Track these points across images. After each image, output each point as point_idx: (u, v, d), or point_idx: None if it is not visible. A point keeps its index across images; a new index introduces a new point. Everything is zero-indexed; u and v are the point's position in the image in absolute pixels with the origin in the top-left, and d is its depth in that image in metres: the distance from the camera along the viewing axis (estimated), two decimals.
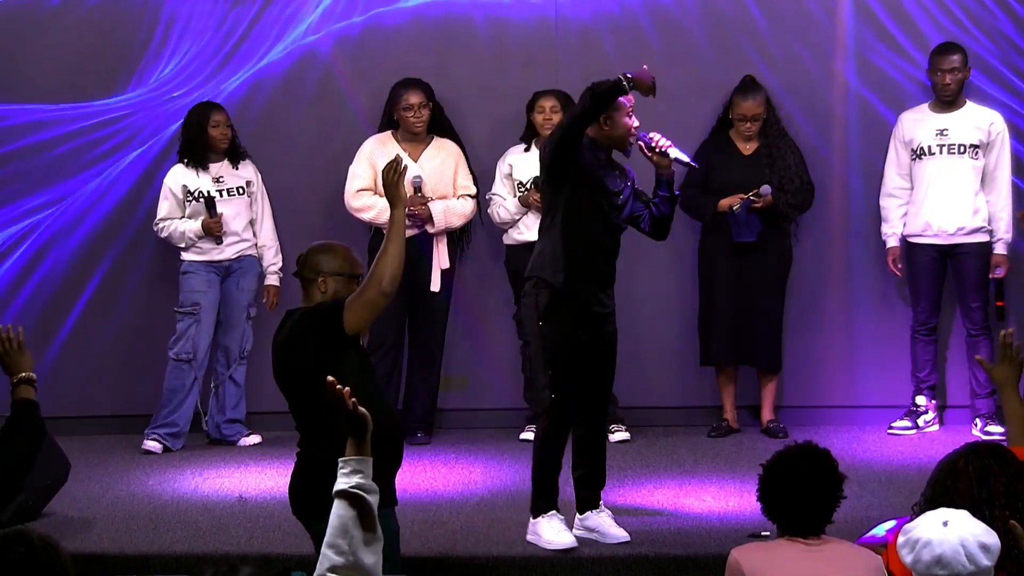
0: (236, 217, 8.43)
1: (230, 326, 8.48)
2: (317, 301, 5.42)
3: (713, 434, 8.40)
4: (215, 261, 8.43)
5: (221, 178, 8.44)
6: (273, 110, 8.79)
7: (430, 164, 8.39)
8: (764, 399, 8.48)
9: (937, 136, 8.27)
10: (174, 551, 6.47)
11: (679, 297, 8.72)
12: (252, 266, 8.51)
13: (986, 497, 4.62)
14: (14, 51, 8.80)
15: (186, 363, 8.38)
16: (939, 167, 8.26)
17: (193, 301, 8.39)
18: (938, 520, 4.28)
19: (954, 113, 8.29)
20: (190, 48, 8.77)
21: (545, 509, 6.38)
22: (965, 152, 8.25)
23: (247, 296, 8.48)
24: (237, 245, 8.45)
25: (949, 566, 4.17)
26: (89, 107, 8.77)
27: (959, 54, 8.26)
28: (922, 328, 8.41)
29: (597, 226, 6.35)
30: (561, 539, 6.32)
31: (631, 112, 6.34)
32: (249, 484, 7.55)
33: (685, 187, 8.34)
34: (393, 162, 5.59)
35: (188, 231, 8.38)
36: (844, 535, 4.87)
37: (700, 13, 8.67)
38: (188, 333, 8.38)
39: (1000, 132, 8.28)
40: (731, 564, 4.70)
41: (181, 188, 8.40)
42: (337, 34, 8.74)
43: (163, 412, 8.37)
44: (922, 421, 8.41)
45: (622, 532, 6.43)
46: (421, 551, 6.31)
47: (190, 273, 8.42)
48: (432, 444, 8.38)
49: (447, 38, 8.75)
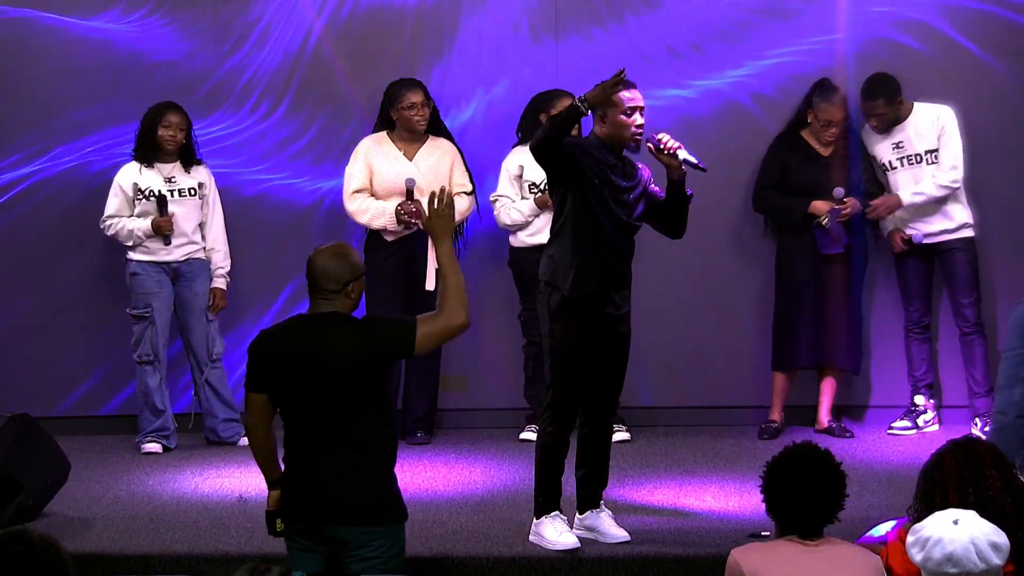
0: (187, 218, 8.40)
1: (191, 331, 8.46)
2: (348, 307, 5.44)
3: (765, 436, 8.34)
4: (163, 262, 8.39)
5: (173, 178, 8.40)
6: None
7: (426, 163, 8.39)
8: (823, 401, 8.44)
9: (894, 150, 8.31)
10: (174, 551, 6.47)
11: (679, 297, 8.73)
12: (203, 269, 8.48)
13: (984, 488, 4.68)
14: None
15: (149, 364, 8.38)
16: (905, 179, 8.30)
17: (145, 303, 8.36)
18: (948, 519, 4.30)
19: (902, 125, 8.30)
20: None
21: (548, 510, 6.39)
22: (923, 160, 8.27)
23: (202, 299, 8.45)
24: (186, 247, 8.42)
25: (960, 564, 4.20)
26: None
27: (882, 98, 8.21)
28: (915, 327, 8.43)
29: (607, 226, 6.32)
30: (564, 540, 6.32)
31: (631, 110, 6.32)
32: (249, 484, 7.54)
33: (763, 188, 8.37)
34: (441, 192, 5.60)
35: (137, 229, 8.34)
36: (844, 535, 4.87)
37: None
38: (145, 335, 8.36)
39: (946, 123, 8.28)
40: (731, 564, 4.70)
41: (132, 186, 8.36)
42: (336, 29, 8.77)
43: (145, 414, 8.39)
44: (922, 421, 8.42)
45: (622, 532, 6.43)
46: (421, 551, 6.31)
47: (139, 275, 8.37)
48: (432, 444, 8.38)
49: (440, 36, 8.76)
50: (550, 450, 6.38)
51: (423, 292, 8.34)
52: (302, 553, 5.40)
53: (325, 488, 5.35)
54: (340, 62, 8.76)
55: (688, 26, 8.67)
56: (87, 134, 8.79)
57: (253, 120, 8.82)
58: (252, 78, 8.79)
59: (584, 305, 6.33)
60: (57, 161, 8.82)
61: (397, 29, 8.75)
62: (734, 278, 8.71)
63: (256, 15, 8.79)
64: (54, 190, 8.82)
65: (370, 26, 8.77)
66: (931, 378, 8.47)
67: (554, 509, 6.39)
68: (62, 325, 8.82)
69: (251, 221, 8.80)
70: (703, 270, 8.72)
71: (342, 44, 8.76)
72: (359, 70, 8.76)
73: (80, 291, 8.83)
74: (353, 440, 5.35)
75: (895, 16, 8.56)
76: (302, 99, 8.79)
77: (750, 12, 8.64)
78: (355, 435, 5.36)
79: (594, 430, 6.52)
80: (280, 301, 8.74)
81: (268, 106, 8.81)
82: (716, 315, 8.73)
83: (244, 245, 8.73)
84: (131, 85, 8.73)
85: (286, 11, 8.78)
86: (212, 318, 8.47)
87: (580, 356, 6.34)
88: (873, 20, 8.57)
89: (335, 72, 8.78)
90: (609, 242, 6.34)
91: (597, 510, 6.49)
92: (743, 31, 8.65)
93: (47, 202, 8.82)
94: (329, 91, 8.79)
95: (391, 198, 8.31)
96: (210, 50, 8.78)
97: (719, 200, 8.50)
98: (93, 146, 8.79)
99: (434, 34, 8.74)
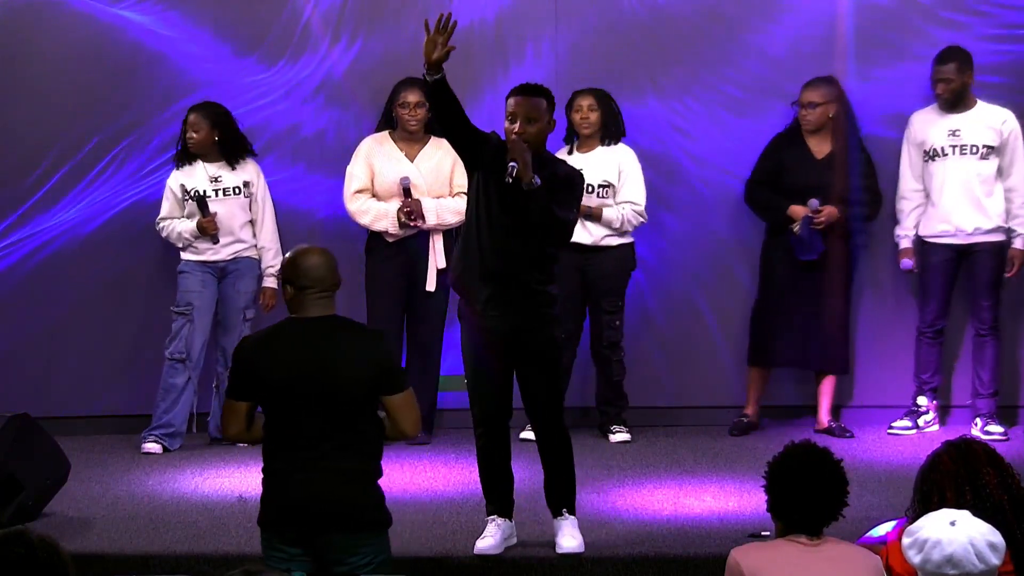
0: (231, 217, 8.43)
1: (228, 327, 8.49)
2: (333, 307, 5.36)
3: (735, 432, 8.38)
4: (210, 262, 8.44)
5: (218, 178, 8.44)
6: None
7: (427, 163, 8.39)
8: (822, 402, 8.45)
9: (949, 137, 8.26)
10: (174, 551, 6.47)
11: (681, 297, 8.73)
12: (250, 268, 8.51)
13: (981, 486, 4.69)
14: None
15: (179, 362, 8.39)
16: (953, 168, 8.25)
17: (187, 301, 8.41)
18: (945, 520, 4.30)
19: (965, 114, 8.28)
20: None
21: (487, 512, 6.41)
22: (978, 152, 8.24)
23: (244, 298, 8.48)
24: (233, 246, 8.46)
25: (960, 565, 4.20)
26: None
27: (953, 63, 8.24)
28: (928, 330, 8.40)
29: (483, 224, 6.26)
30: (479, 544, 6.31)
31: (509, 115, 6.24)
32: (249, 484, 7.53)
33: (755, 182, 8.37)
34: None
35: (184, 231, 8.42)
36: (844, 535, 4.87)
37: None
38: (182, 333, 8.39)
39: (1013, 130, 8.28)
40: (731, 564, 4.70)
41: (180, 187, 8.43)
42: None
43: (159, 411, 8.40)
44: (922, 421, 8.41)
45: (573, 542, 6.29)
46: (421, 551, 6.31)
47: (185, 273, 8.45)
48: (432, 444, 8.38)
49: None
50: (481, 456, 6.40)
51: (423, 293, 8.34)
52: (287, 562, 5.26)
53: (321, 494, 5.25)
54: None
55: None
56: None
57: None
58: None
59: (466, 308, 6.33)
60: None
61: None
62: (736, 278, 8.71)
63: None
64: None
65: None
66: (937, 382, 8.45)
67: (491, 513, 6.38)
68: (62, 325, 8.83)
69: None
70: (704, 270, 8.72)
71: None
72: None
73: (80, 291, 8.83)
74: (351, 446, 5.28)
75: None
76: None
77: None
78: (353, 441, 5.29)
79: (538, 439, 6.46)
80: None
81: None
82: (718, 315, 8.73)
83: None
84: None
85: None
86: (249, 317, 8.46)
87: (480, 362, 6.31)
88: None
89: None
90: (489, 242, 6.22)
91: (559, 518, 6.39)
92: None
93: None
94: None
95: (391, 199, 8.31)
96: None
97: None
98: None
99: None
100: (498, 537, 6.31)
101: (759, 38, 8.64)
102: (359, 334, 5.40)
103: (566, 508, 6.37)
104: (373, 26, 8.77)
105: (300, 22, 8.75)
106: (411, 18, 8.54)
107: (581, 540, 6.31)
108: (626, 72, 8.65)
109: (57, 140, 8.77)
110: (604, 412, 8.42)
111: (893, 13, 8.60)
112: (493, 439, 6.37)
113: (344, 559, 5.26)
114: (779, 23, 8.65)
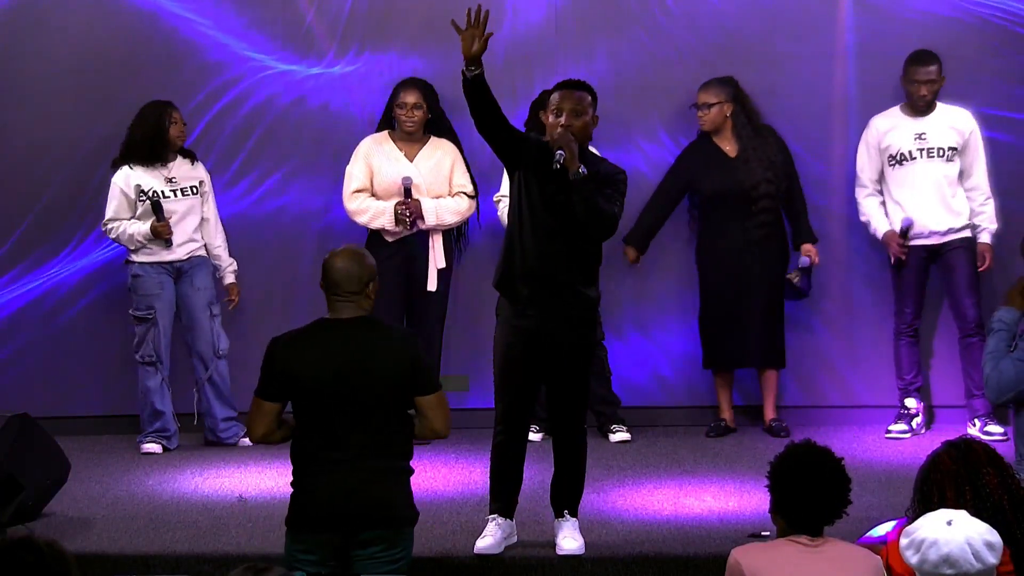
0: (188, 216, 8.37)
1: (194, 327, 8.40)
2: (368, 307, 5.41)
3: (712, 434, 8.40)
4: (166, 262, 8.34)
5: (174, 178, 8.36)
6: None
7: (426, 164, 8.39)
8: (766, 397, 8.48)
9: (916, 140, 8.28)
10: (174, 551, 6.47)
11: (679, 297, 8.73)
12: (203, 263, 8.44)
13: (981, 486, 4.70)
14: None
15: (151, 365, 8.36)
16: (921, 172, 8.28)
17: (148, 304, 8.31)
18: (941, 520, 4.31)
19: (929, 117, 8.31)
20: None
21: (490, 511, 6.41)
22: (944, 155, 8.27)
23: (206, 294, 8.40)
24: (188, 245, 8.37)
25: (957, 565, 4.20)
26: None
27: (935, 64, 8.25)
28: (908, 330, 8.42)
29: (527, 224, 6.23)
30: (479, 543, 6.32)
31: (554, 109, 6.26)
32: (249, 484, 7.55)
33: (663, 192, 8.43)
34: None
35: (136, 233, 8.27)
36: (844, 535, 4.87)
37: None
38: (148, 337, 8.33)
39: (973, 130, 8.32)
40: (731, 564, 4.70)
41: (134, 188, 8.29)
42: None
43: (145, 415, 8.38)
44: (915, 423, 8.42)
45: (573, 544, 6.30)
46: (421, 551, 6.29)
47: (141, 276, 8.31)
48: (432, 444, 8.35)
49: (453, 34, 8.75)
50: (495, 453, 6.39)
51: (423, 293, 8.34)
52: (316, 565, 5.31)
53: (357, 493, 5.31)
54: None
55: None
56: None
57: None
58: None
59: (511, 307, 6.31)
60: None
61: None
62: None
63: None
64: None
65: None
66: (921, 381, 8.47)
67: (493, 512, 6.38)
68: (62, 325, 8.83)
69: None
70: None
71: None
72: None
73: (81, 291, 8.83)
74: (384, 445, 5.37)
75: None
76: None
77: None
78: (386, 440, 5.37)
79: (556, 439, 6.46)
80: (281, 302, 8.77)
81: None
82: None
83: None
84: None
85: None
86: (216, 313, 8.44)
87: (511, 361, 6.29)
88: None
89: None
90: (531, 242, 6.23)
91: (560, 519, 6.41)
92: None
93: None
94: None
95: (391, 199, 8.31)
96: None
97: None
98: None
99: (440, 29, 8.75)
100: (498, 537, 6.32)
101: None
102: (392, 335, 5.46)
103: (568, 510, 6.37)
104: (381, 32, 8.77)
105: (304, 24, 8.76)
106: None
107: (582, 542, 6.31)
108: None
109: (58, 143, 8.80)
110: (600, 413, 8.41)
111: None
112: (511, 438, 6.37)
113: (384, 553, 5.33)
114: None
